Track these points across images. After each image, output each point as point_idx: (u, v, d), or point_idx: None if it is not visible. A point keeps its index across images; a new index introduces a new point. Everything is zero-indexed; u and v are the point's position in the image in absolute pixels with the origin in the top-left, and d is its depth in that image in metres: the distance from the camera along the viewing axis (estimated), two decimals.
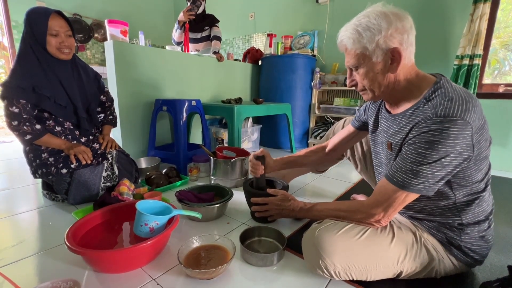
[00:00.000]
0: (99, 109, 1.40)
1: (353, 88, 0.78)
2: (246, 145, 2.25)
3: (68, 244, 0.71)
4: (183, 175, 1.56)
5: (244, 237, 0.91)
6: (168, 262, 0.82)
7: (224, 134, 2.12)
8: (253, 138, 2.33)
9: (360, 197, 1.22)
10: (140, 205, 0.87)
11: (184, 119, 1.63)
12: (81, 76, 1.26)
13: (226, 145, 2.11)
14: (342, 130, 1.04)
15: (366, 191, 1.40)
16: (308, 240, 0.77)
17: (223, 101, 2.05)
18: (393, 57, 0.66)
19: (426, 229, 0.77)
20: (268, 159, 1.08)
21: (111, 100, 1.45)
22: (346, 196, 1.38)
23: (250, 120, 2.27)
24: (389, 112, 0.79)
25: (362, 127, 0.95)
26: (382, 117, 0.82)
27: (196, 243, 0.85)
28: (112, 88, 1.63)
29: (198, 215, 0.93)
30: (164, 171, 1.52)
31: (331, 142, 1.07)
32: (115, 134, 1.71)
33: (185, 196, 1.10)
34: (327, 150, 1.08)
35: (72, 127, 1.24)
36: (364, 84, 0.73)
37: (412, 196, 0.68)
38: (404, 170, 0.65)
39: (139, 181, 1.44)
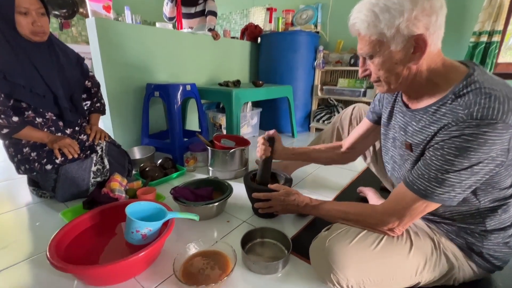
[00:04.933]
0: (84, 96, 1.28)
1: (366, 77, 0.67)
2: (245, 130, 2.15)
3: (51, 260, 0.64)
4: (179, 166, 1.47)
5: (246, 240, 0.85)
6: (164, 271, 0.76)
7: (222, 120, 2.01)
8: (252, 123, 2.23)
9: (368, 192, 1.14)
10: (131, 208, 0.79)
11: (178, 105, 1.51)
12: (60, 60, 1.12)
13: (224, 131, 2.01)
14: (358, 125, 0.94)
15: (373, 183, 1.32)
16: (317, 251, 0.70)
17: (220, 84, 1.92)
18: (417, 45, 0.55)
19: (444, 233, 0.70)
20: (278, 144, 1.00)
21: (98, 85, 1.32)
22: (351, 188, 1.31)
23: (249, 103, 2.15)
24: (407, 106, 0.68)
25: (378, 121, 0.84)
26: (398, 110, 0.72)
27: (193, 249, 0.79)
28: (98, 72, 1.49)
29: (196, 217, 0.85)
30: (159, 162, 1.43)
31: (347, 141, 0.97)
32: (105, 123, 1.60)
33: (181, 193, 1.02)
34: (343, 149, 0.98)
35: (54, 117, 1.13)
36: (379, 75, 0.62)
37: (433, 206, 0.59)
38: (427, 177, 0.57)
39: (133, 173, 1.36)
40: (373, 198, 1.10)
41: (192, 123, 2.07)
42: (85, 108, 1.28)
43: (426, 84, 0.60)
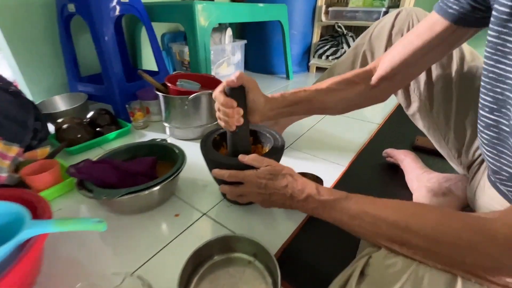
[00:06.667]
0: None
1: None
2: (225, 70, 1.63)
3: None
4: (122, 121, 1.02)
5: (198, 260, 0.46)
6: None
7: None
8: (234, 60, 1.69)
9: (405, 157, 0.73)
10: None
11: (109, 27, 0.97)
12: None
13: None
14: (412, 33, 0.46)
15: (401, 142, 0.91)
16: None
17: None
18: None
19: None
20: (254, 96, 0.51)
21: None
22: (371, 150, 0.90)
23: (229, 32, 1.58)
24: None
25: (468, 16, 0.37)
26: None
27: None
28: None
29: (97, 227, 0.44)
30: (88, 116, 0.96)
31: (384, 64, 0.50)
32: (8, 61, 1.07)
33: (90, 172, 0.58)
34: (376, 77, 0.52)
35: None
36: None
37: None
38: None
39: (48, 136, 0.91)
40: (414, 169, 0.69)
41: (150, 61, 1.53)
42: None
43: None
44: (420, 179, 0.65)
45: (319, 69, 1.94)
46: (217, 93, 0.50)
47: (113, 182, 0.60)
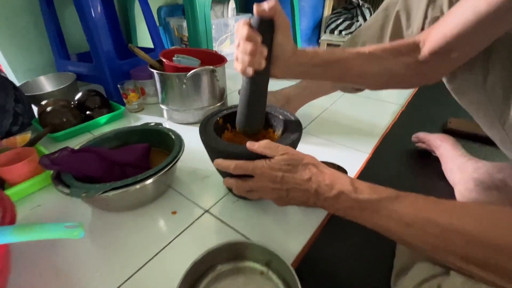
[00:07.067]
0: None
1: None
2: (228, 47, 1.49)
3: None
4: (115, 103, 0.91)
5: (198, 274, 0.37)
6: None
7: None
8: None
9: (442, 142, 0.61)
10: None
11: (97, 1, 0.85)
12: None
13: None
14: None
15: (437, 126, 0.80)
16: None
17: None
18: None
19: None
20: (283, 39, 0.39)
21: None
22: (397, 135, 0.78)
23: (232, 4, 1.43)
24: None
25: None
26: None
27: None
28: None
29: (72, 235, 0.35)
30: (76, 98, 0.86)
31: (439, 32, 0.37)
32: None
33: (73, 162, 0.49)
34: (427, 50, 0.40)
35: None
36: None
37: None
38: None
39: (32, 121, 0.81)
40: (455, 158, 0.58)
41: (146, 37, 1.40)
42: None
43: None
44: (464, 170, 0.54)
45: (330, 46, 1.78)
46: (241, 24, 0.38)
47: (98, 175, 0.50)
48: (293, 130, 0.48)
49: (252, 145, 0.40)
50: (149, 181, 0.48)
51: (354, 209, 0.33)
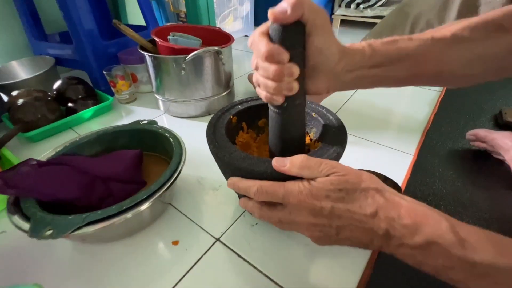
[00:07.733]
0: None
1: None
2: (230, 25, 1.32)
3: None
4: (103, 93, 0.77)
5: None
6: None
7: None
8: (242, 12, 1.37)
9: (510, 141, 0.49)
10: None
11: None
12: None
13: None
14: None
15: (487, 119, 0.67)
16: None
17: None
18: None
19: None
20: (322, 41, 0.25)
21: None
22: (441, 130, 0.65)
23: None
24: None
25: None
26: None
27: None
28: None
29: None
30: (54, 87, 0.72)
31: None
32: None
33: (38, 181, 0.36)
34: None
35: None
36: None
37: None
38: None
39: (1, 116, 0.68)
40: None
41: (138, 14, 1.23)
42: None
43: None
44: None
45: (345, 22, 1.59)
46: (256, 36, 0.26)
47: (73, 197, 0.38)
48: (334, 135, 0.35)
49: (281, 164, 0.28)
50: (144, 206, 0.35)
51: (459, 272, 0.21)
